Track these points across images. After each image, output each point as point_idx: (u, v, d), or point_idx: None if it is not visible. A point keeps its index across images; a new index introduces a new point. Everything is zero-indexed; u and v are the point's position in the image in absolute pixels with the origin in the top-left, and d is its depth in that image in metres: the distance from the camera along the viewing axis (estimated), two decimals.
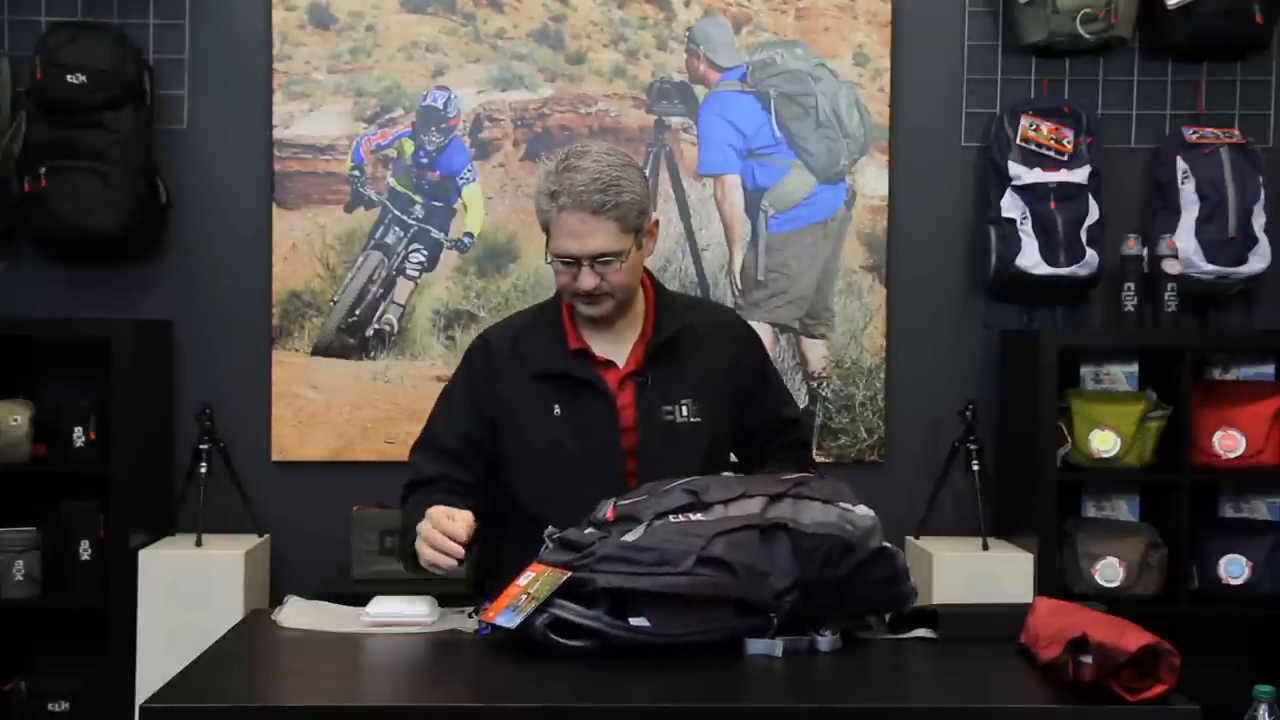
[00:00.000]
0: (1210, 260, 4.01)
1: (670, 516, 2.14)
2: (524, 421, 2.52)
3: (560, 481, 2.47)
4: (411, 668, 2.11)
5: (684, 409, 2.53)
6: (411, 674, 2.09)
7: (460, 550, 2.30)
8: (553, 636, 2.06)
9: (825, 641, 2.12)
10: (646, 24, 4.15)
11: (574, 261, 2.45)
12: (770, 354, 4.16)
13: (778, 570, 2.11)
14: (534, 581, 2.10)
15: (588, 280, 2.45)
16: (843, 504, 2.22)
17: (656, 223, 2.57)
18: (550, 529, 2.23)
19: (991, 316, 4.19)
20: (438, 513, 2.36)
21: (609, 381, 2.53)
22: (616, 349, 2.56)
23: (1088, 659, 1.87)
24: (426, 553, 2.32)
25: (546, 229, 2.47)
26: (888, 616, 2.28)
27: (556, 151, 2.50)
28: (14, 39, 4.05)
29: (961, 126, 4.18)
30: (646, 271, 2.62)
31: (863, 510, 2.24)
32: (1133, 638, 1.85)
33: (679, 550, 2.08)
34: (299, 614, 2.31)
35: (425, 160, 4.13)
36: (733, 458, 2.71)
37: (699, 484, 2.23)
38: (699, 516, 2.15)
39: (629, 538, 2.12)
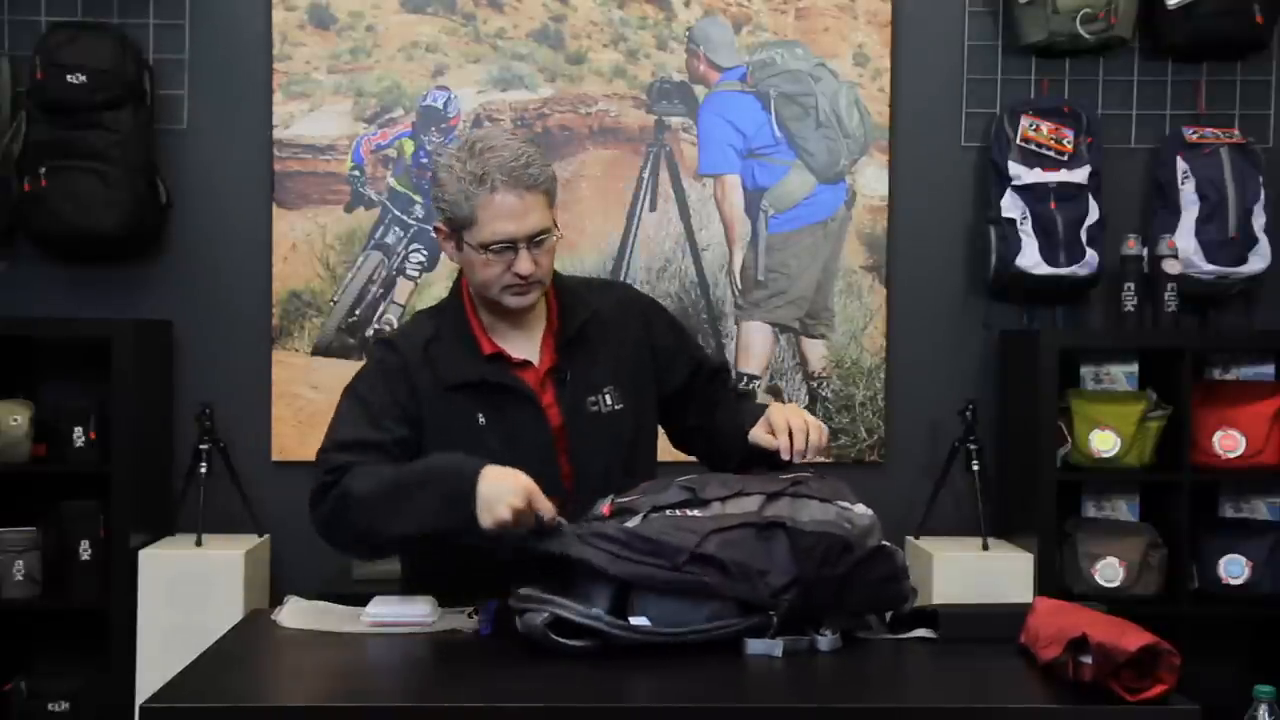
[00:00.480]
0: (1210, 260, 4.01)
1: (667, 511, 2.15)
2: (448, 432, 2.34)
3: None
4: (411, 668, 2.11)
5: (606, 398, 2.42)
6: (411, 674, 2.09)
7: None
8: (553, 636, 2.06)
9: (825, 641, 2.12)
10: (646, 24, 4.15)
11: (509, 246, 2.31)
12: (769, 353, 4.23)
13: (776, 568, 2.11)
14: None
15: (526, 264, 2.31)
16: (841, 502, 2.22)
17: (555, 209, 2.42)
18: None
19: (991, 316, 4.19)
20: (525, 478, 2.14)
21: (529, 383, 2.40)
22: (528, 346, 2.43)
23: (1088, 659, 1.87)
24: (519, 504, 2.10)
25: (469, 220, 2.31)
26: (888, 616, 2.27)
27: (454, 146, 2.38)
28: (14, 39, 4.05)
29: (961, 126, 4.18)
30: None
31: (861, 509, 2.23)
32: (1133, 638, 1.85)
33: (673, 545, 2.08)
34: (299, 614, 2.31)
35: (425, 160, 4.13)
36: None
37: (697, 481, 2.23)
38: (696, 513, 2.15)
39: (629, 525, 2.12)
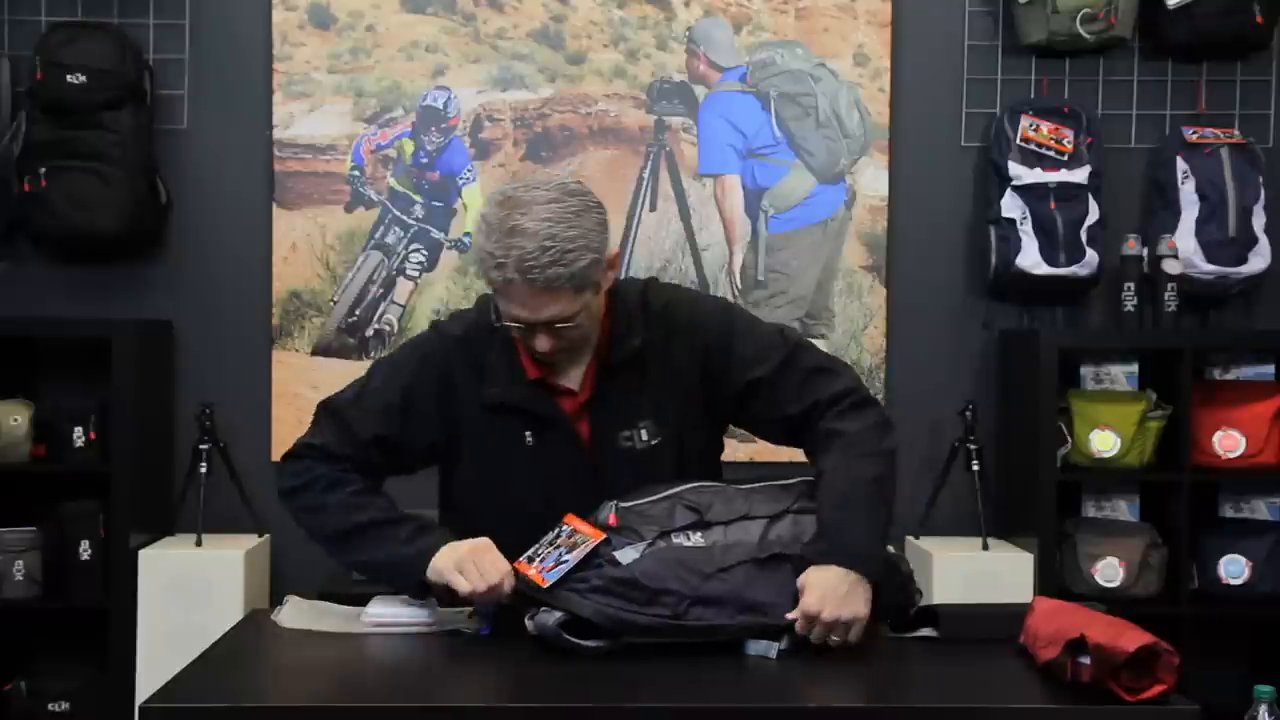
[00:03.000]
0: (1210, 260, 4.01)
1: (673, 536, 2.12)
2: (489, 443, 2.30)
3: (521, 509, 2.27)
4: (411, 668, 2.11)
5: (642, 432, 2.29)
6: (411, 674, 2.09)
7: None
8: (565, 636, 2.06)
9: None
10: (646, 24, 4.15)
11: (525, 327, 2.21)
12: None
13: (781, 600, 2.08)
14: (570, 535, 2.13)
15: (543, 343, 2.20)
16: None
17: (616, 253, 2.26)
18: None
19: (991, 316, 4.19)
20: (482, 546, 2.17)
21: (567, 410, 2.29)
22: (575, 372, 2.30)
23: (1086, 659, 1.87)
24: (474, 580, 2.13)
25: (491, 286, 2.23)
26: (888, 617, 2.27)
27: (496, 196, 2.19)
28: (14, 39, 4.05)
29: (961, 126, 4.18)
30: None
31: None
32: (1130, 638, 1.84)
33: (674, 592, 2.06)
34: (299, 614, 2.31)
35: (425, 160, 4.13)
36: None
37: (703, 499, 2.18)
38: (698, 537, 2.13)
39: (623, 556, 2.09)
